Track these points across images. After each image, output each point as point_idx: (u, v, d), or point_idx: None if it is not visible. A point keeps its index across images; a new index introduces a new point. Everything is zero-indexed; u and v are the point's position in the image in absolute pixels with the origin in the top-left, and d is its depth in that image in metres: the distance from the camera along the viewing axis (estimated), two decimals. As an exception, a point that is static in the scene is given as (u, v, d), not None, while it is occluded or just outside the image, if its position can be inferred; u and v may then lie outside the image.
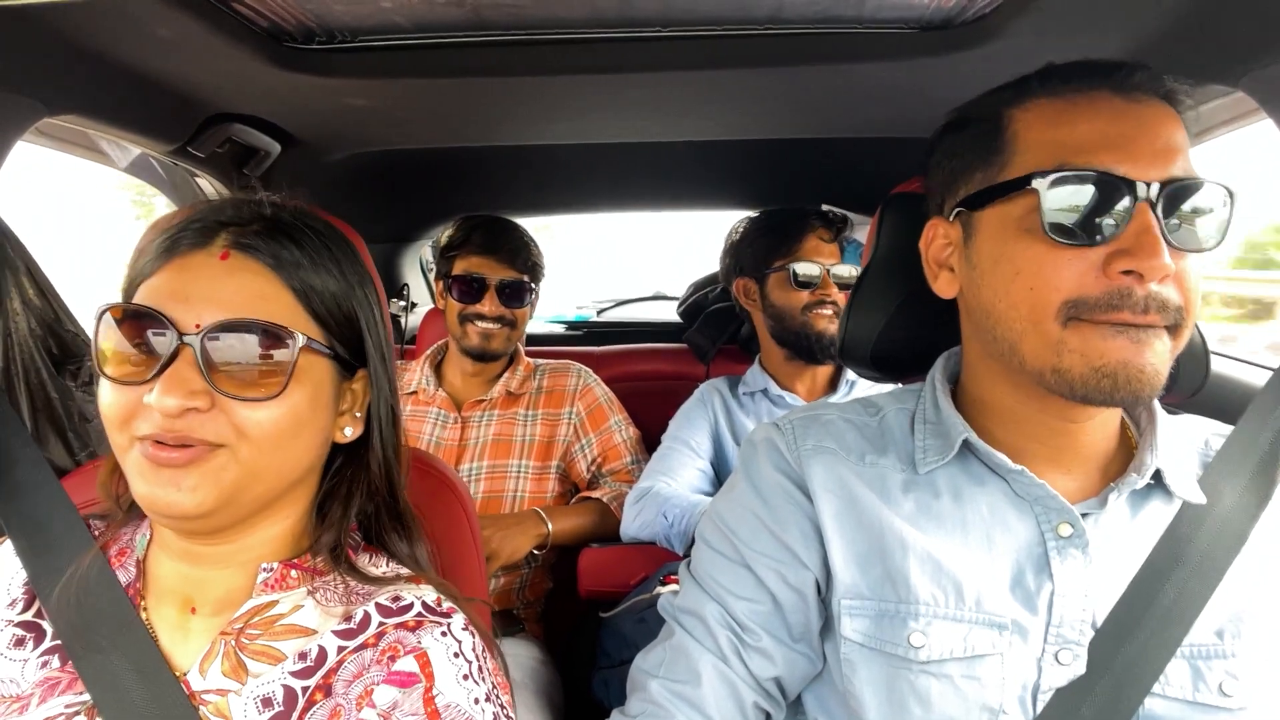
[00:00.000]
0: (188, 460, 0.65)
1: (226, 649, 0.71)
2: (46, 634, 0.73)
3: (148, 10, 0.97)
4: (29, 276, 1.11)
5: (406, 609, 0.73)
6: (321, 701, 0.68)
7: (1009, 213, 0.72)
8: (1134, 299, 0.66)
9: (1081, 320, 0.68)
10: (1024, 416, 0.76)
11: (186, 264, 0.69)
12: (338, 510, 0.77)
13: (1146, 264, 0.66)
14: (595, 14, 1.10)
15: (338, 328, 0.74)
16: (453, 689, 0.68)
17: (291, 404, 0.69)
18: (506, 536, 1.54)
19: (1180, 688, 0.70)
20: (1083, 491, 0.77)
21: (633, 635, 1.43)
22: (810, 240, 1.72)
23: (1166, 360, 0.69)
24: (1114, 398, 0.68)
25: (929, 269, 0.82)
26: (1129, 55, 1.08)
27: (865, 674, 0.74)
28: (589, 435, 1.79)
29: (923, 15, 1.11)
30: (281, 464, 0.71)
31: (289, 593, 0.74)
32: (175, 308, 0.67)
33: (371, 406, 0.77)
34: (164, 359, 0.65)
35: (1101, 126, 0.69)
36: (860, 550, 0.77)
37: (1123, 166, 0.67)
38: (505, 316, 1.75)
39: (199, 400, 0.65)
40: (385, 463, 0.79)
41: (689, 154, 1.88)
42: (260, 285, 0.70)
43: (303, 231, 0.73)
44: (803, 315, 1.69)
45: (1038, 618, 0.72)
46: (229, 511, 0.69)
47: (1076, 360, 0.68)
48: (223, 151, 1.48)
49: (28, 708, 0.68)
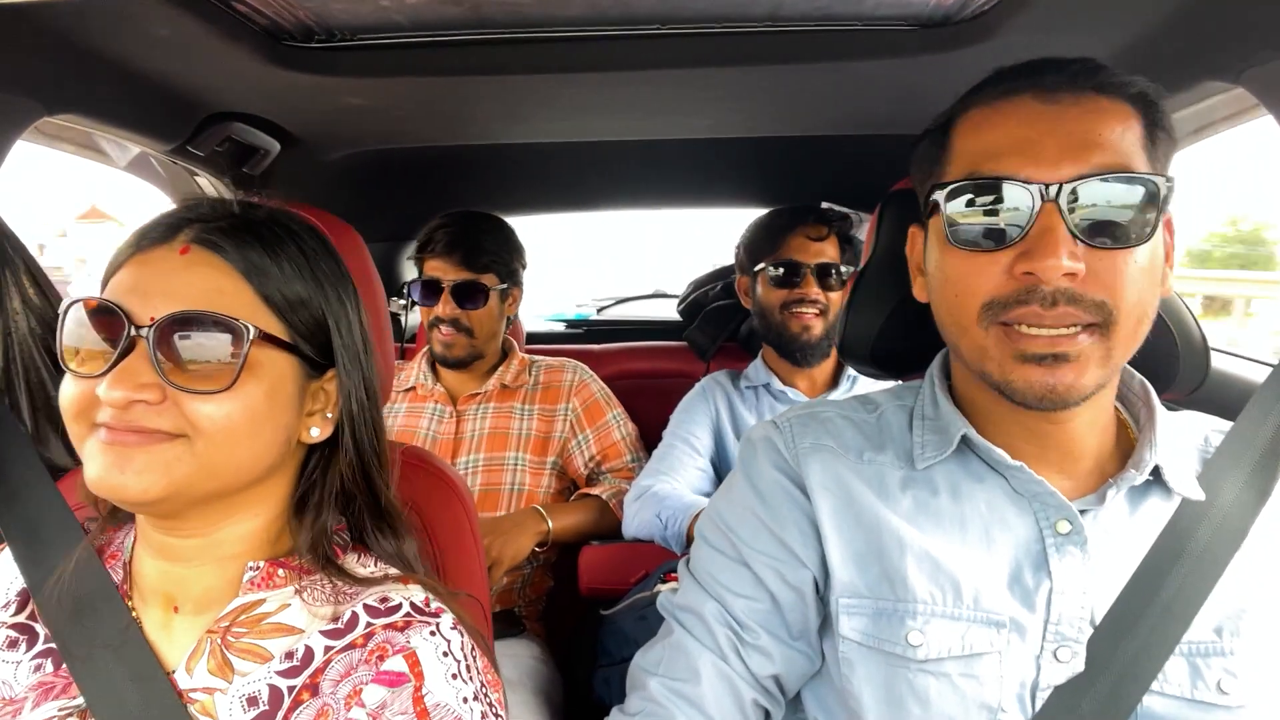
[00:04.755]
0: (137, 442, 0.65)
1: (213, 647, 0.71)
2: (39, 636, 0.73)
3: (147, 9, 0.97)
4: (29, 275, 1.11)
5: (395, 609, 0.73)
6: (308, 701, 0.68)
7: (938, 222, 0.74)
8: (1040, 293, 0.67)
9: (1001, 324, 0.69)
10: (1001, 416, 0.77)
11: (148, 259, 0.70)
12: (311, 512, 0.77)
13: (1041, 264, 0.66)
14: (594, 12, 1.10)
15: (303, 325, 0.73)
16: (442, 688, 0.68)
17: (245, 398, 0.68)
18: (508, 540, 1.54)
19: (1179, 685, 0.70)
20: (1080, 489, 0.76)
21: (633, 633, 1.43)
22: (795, 238, 1.70)
23: (1094, 365, 0.68)
24: (1039, 405, 0.70)
25: (912, 274, 0.85)
26: (1127, 51, 1.08)
27: (863, 672, 0.75)
28: (585, 431, 1.79)
29: (922, 12, 1.11)
30: (240, 460, 0.70)
31: (276, 591, 0.74)
32: (133, 301, 0.67)
33: (341, 407, 0.76)
34: (119, 352, 0.66)
35: (1011, 130, 0.70)
36: (858, 549, 0.77)
37: (1027, 169, 0.68)
38: (460, 320, 1.72)
39: (148, 393, 0.65)
40: (361, 464, 0.78)
41: (689, 152, 1.88)
42: (218, 279, 0.69)
43: (270, 229, 0.73)
44: (780, 314, 1.69)
45: (1036, 615, 0.72)
46: (179, 502, 0.69)
47: (995, 368, 0.70)
48: (222, 150, 1.48)
49: (21, 711, 0.68)
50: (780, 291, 1.69)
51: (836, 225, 1.73)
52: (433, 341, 1.76)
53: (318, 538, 0.76)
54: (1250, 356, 1.43)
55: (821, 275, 1.68)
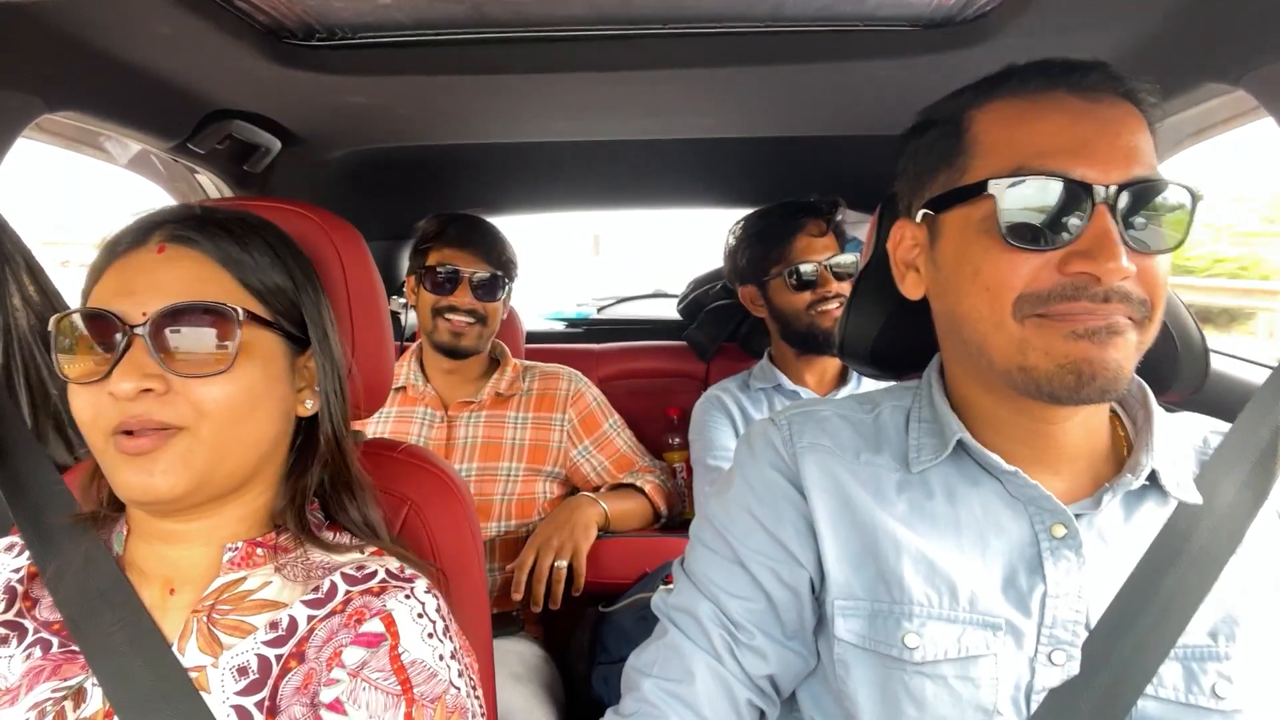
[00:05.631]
0: (153, 446, 0.69)
1: (199, 626, 0.74)
2: (28, 631, 0.75)
3: (148, 7, 0.97)
4: (29, 272, 1.11)
5: (371, 576, 0.77)
6: (295, 669, 0.71)
7: (969, 215, 0.72)
8: (1091, 290, 0.67)
9: (1039, 315, 0.68)
10: (1001, 418, 0.76)
11: (127, 262, 0.74)
12: (296, 481, 0.81)
13: (1104, 267, 0.66)
14: (595, 11, 1.10)
15: (281, 306, 0.78)
16: (418, 646, 0.72)
17: (245, 377, 0.73)
18: (574, 527, 1.55)
19: (1174, 689, 0.69)
20: (1075, 492, 0.76)
21: (633, 632, 1.43)
22: (801, 240, 1.72)
23: (1132, 356, 0.69)
24: (1079, 395, 0.68)
25: (896, 270, 0.83)
26: (1128, 53, 1.08)
27: (859, 674, 0.75)
28: (584, 441, 1.78)
29: (923, 13, 1.11)
30: (245, 438, 0.74)
31: (256, 570, 0.77)
32: (121, 303, 0.71)
33: (319, 381, 0.81)
34: (118, 352, 0.69)
35: (1060, 128, 0.69)
36: (854, 550, 0.77)
37: (1081, 169, 0.67)
38: (478, 311, 1.73)
39: (154, 383, 0.69)
40: (335, 435, 0.83)
41: (690, 151, 1.88)
42: (198, 270, 0.74)
43: (236, 224, 0.77)
44: (807, 315, 1.70)
45: (1030, 619, 0.72)
46: (205, 490, 0.73)
47: (1041, 358, 0.69)
48: (223, 148, 1.48)
49: (17, 699, 0.70)
50: (803, 295, 1.70)
51: (827, 217, 1.74)
52: (437, 331, 1.74)
53: (300, 506, 0.80)
54: (1249, 358, 1.43)
55: (835, 269, 1.71)
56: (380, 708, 0.68)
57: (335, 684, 0.70)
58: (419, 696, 0.70)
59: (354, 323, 0.89)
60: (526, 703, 1.39)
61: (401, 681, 0.70)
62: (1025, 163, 0.69)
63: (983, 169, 0.72)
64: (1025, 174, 0.68)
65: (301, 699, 0.70)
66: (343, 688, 0.69)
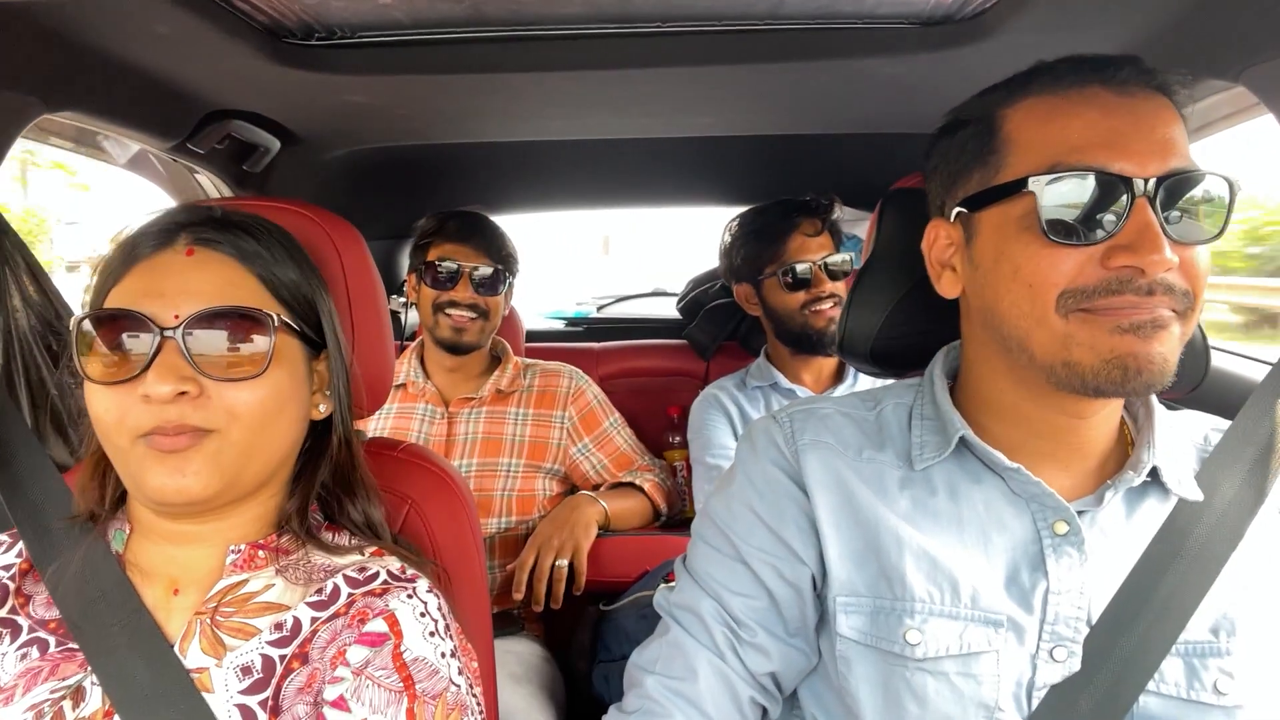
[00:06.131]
0: (187, 445, 0.69)
1: (203, 628, 0.74)
2: (22, 629, 0.76)
3: (148, 6, 0.97)
4: (29, 273, 1.11)
5: (373, 578, 0.78)
6: (299, 669, 0.72)
7: (1008, 213, 0.72)
8: (1135, 284, 0.66)
9: (1083, 310, 0.68)
10: (1026, 413, 0.76)
11: (154, 264, 0.73)
12: (305, 484, 0.82)
13: (1148, 259, 0.66)
14: (594, 10, 1.10)
15: (300, 308, 0.78)
16: (420, 644, 0.73)
17: (275, 382, 0.74)
18: (575, 526, 1.54)
19: (1175, 685, 0.70)
20: (1079, 489, 0.76)
21: (634, 631, 1.44)
22: (795, 239, 1.72)
23: (1176, 349, 0.69)
24: (1124, 388, 0.68)
25: (932, 270, 0.82)
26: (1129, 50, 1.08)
27: (861, 671, 0.75)
28: (584, 439, 1.78)
29: (923, 11, 1.11)
30: (271, 441, 0.75)
31: (258, 573, 0.78)
32: (151, 304, 0.70)
33: (332, 385, 0.82)
34: (150, 354, 0.69)
35: (1094, 122, 0.69)
36: (856, 547, 0.77)
37: (1119, 163, 0.67)
38: (479, 305, 1.73)
39: (189, 385, 0.69)
40: (346, 435, 0.84)
41: (689, 150, 1.88)
42: (228, 274, 0.74)
43: (255, 227, 0.78)
44: (801, 315, 1.70)
45: (1032, 615, 0.72)
46: (232, 491, 0.74)
47: (1086, 353, 0.68)
48: (222, 148, 1.48)
49: (13, 698, 0.70)
50: (797, 294, 1.70)
51: (823, 216, 1.74)
52: (439, 327, 1.74)
53: (304, 508, 0.80)
54: (1250, 355, 1.43)
55: (829, 269, 1.71)
56: (383, 704, 0.69)
57: (339, 682, 0.70)
58: (421, 693, 0.70)
59: (354, 322, 0.89)
60: (527, 702, 1.39)
61: (404, 679, 0.70)
62: (1061, 158, 0.69)
63: (1019, 166, 0.71)
64: (1062, 170, 0.68)
65: (304, 699, 0.70)
66: (346, 685, 0.70)
